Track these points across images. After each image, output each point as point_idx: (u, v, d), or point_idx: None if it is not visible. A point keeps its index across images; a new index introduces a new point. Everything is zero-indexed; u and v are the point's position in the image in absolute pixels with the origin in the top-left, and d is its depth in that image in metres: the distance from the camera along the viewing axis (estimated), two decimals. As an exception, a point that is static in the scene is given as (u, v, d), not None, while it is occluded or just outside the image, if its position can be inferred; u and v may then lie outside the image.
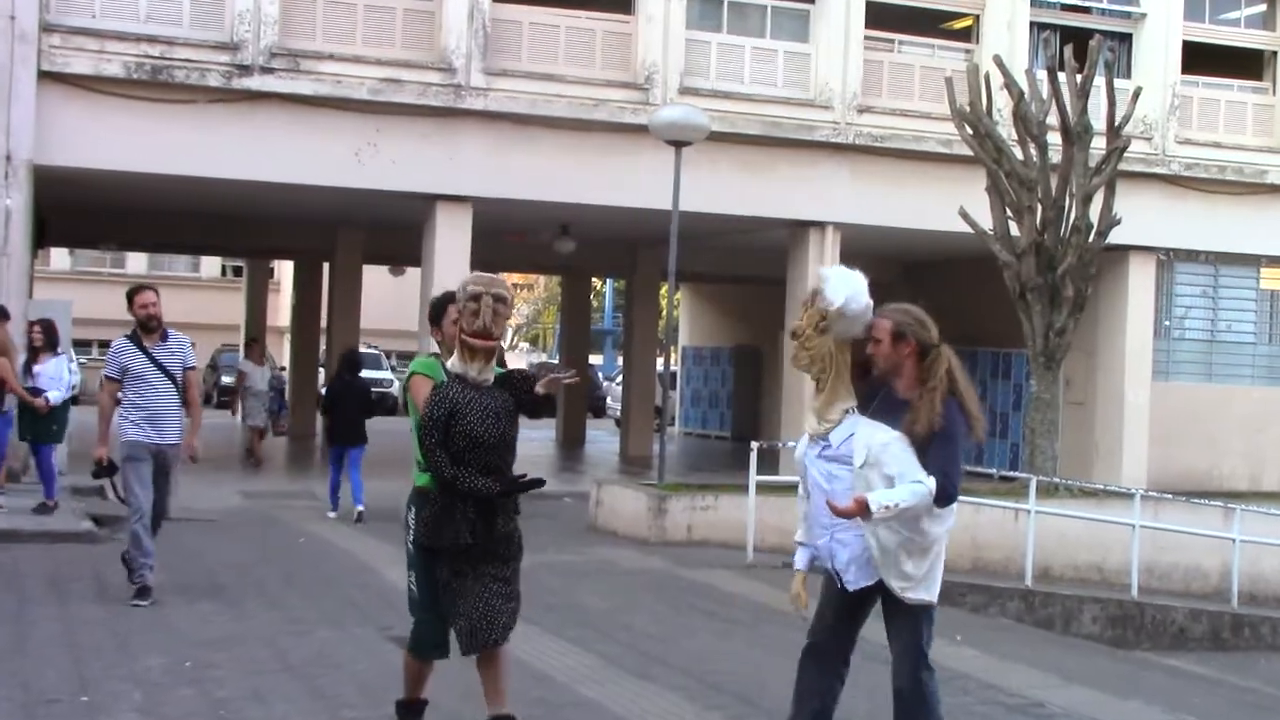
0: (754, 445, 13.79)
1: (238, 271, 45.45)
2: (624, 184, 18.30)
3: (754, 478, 13.43)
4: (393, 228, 22.21)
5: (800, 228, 19.61)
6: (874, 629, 6.10)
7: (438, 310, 6.22)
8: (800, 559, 5.92)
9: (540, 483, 5.80)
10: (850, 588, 5.72)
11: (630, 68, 18.78)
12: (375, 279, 33.02)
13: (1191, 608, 14.55)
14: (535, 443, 28.89)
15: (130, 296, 9.68)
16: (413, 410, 6.01)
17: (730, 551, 13.49)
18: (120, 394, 9.62)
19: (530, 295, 64.42)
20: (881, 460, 5.50)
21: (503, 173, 17.95)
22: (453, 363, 5.80)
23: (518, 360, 59.56)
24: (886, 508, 5.38)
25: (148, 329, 9.56)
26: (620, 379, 30.42)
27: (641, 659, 8.65)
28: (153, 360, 9.51)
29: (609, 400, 39.06)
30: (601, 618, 10.02)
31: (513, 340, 68.40)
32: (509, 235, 23.53)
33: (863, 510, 5.37)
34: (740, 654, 9.14)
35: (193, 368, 9.74)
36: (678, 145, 15.83)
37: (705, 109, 17.16)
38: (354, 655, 8.26)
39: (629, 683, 8.00)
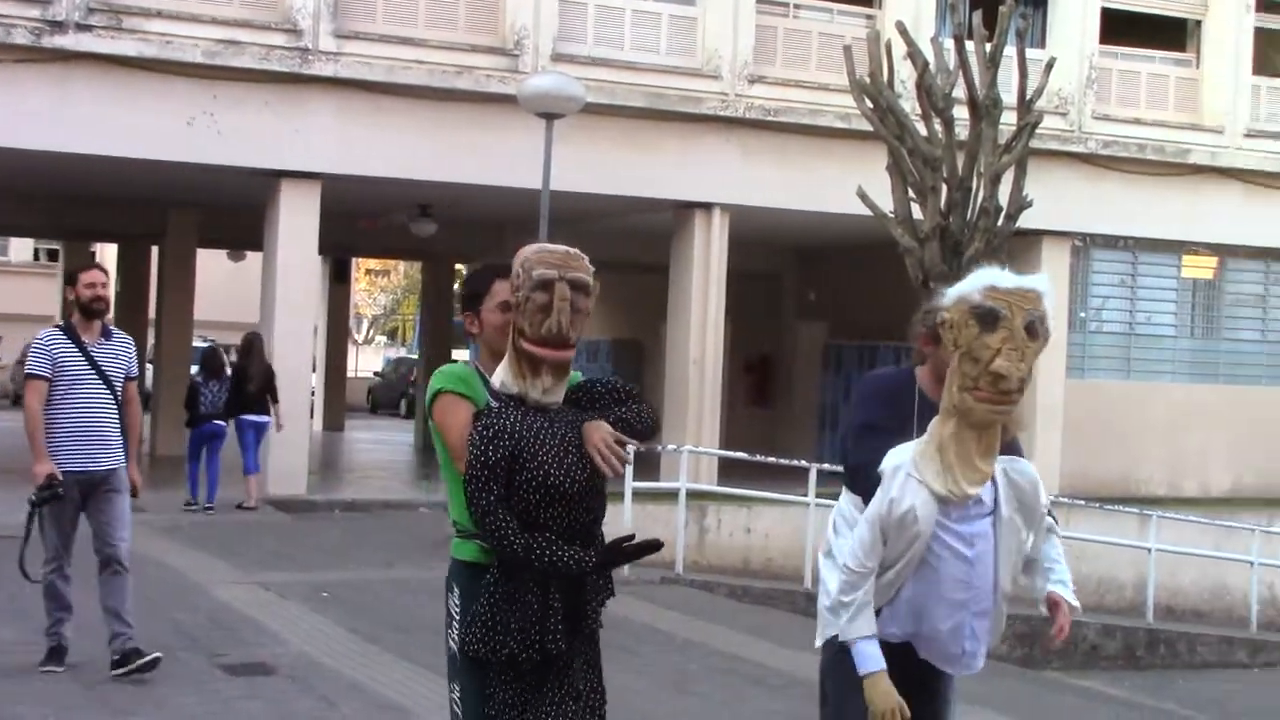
0: (630, 448, 13.87)
1: (52, 255, 44.63)
2: (490, 160, 18.31)
3: (630, 484, 13.55)
4: (231, 208, 22.01)
5: (685, 209, 19.78)
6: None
7: (478, 289, 4.74)
8: (874, 654, 4.67)
9: (657, 545, 4.43)
10: (975, 670, 4.94)
11: (498, 31, 18.80)
12: (211, 264, 32.64)
13: (1105, 623, 14.97)
14: (391, 447, 28.81)
15: (74, 274, 8.56)
16: (441, 449, 4.62)
17: (606, 566, 13.61)
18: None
19: (387, 283, 64.10)
20: (1033, 498, 4.77)
21: (355, 147, 17.88)
22: (502, 377, 4.42)
23: (374, 358, 59.23)
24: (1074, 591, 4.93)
25: (91, 314, 8.35)
26: (488, 376, 30.39)
27: (503, 685, 8.70)
28: (91, 362, 8.27)
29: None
30: (459, 640, 10.05)
31: (368, 333, 68.01)
32: (363, 217, 23.44)
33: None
34: (614, 678, 9.19)
35: (136, 378, 8.55)
36: (549, 118, 15.87)
37: (581, 78, 17.22)
38: (180, 688, 8.22)
39: (488, 711, 8.05)
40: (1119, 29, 22.36)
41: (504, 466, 4.28)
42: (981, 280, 4.52)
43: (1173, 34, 23.25)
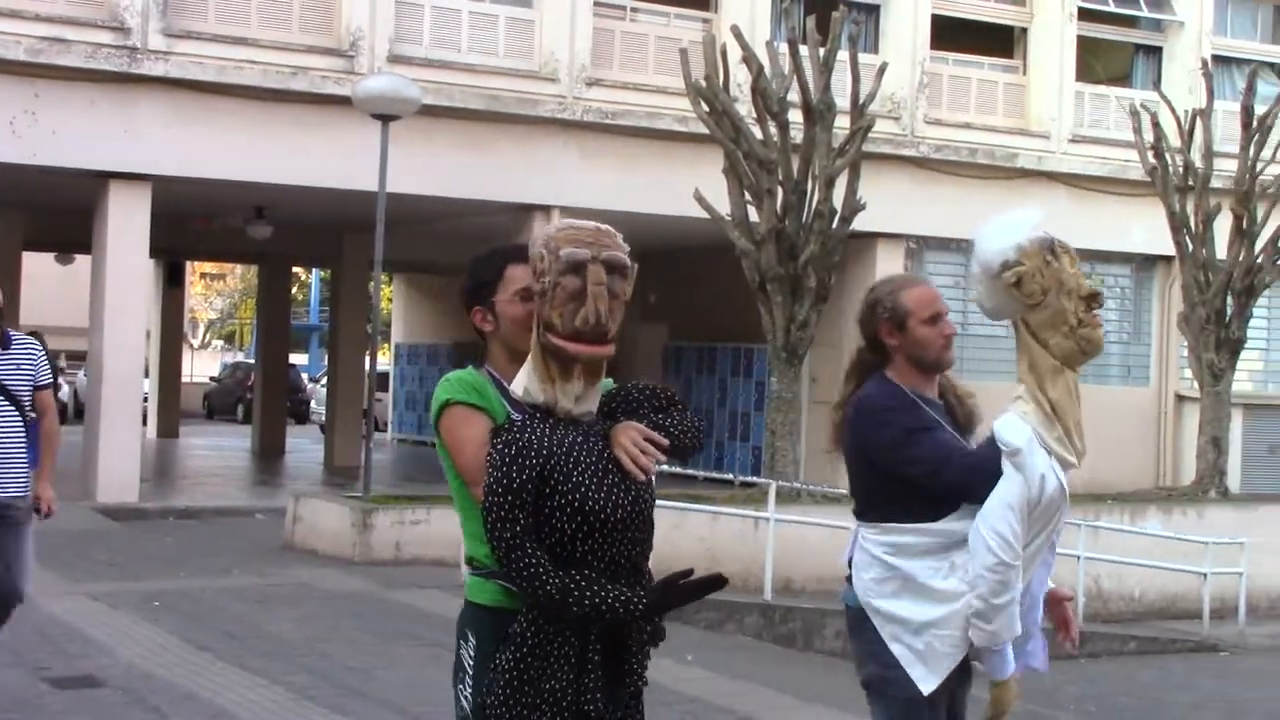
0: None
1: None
2: (327, 162, 18.13)
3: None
4: (59, 210, 21.49)
5: (524, 212, 19.73)
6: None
7: (487, 278, 3.92)
8: (1011, 659, 4.44)
9: (720, 581, 3.72)
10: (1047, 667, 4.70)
11: (333, 32, 18.63)
12: (39, 268, 31.85)
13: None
14: (227, 453, 28.38)
15: None
16: (451, 473, 3.86)
17: (444, 570, 13.53)
18: None
19: (223, 287, 63.14)
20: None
21: (187, 148, 17.57)
22: (525, 382, 3.72)
23: (211, 362, 58.28)
24: None
25: None
26: (325, 380, 30.11)
27: (338, 691, 8.64)
28: None
29: (313, 404, 38.64)
30: (294, 647, 9.96)
31: (204, 338, 66.90)
32: (196, 219, 23.06)
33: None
34: (448, 682, 9.19)
35: (46, 386, 7.47)
36: (385, 119, 15.78)
37: (418, 79, 17.14)
38: (3, 706, 8.02)
39: (321, 718, 7.99)
40: (949, 35, 22.82)
41: (532, 490, 3.59)
42: (1020, 223, 4.39)
43: (1001, 41, 23.80)
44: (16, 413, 7.25)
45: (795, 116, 17.31)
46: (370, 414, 17.05)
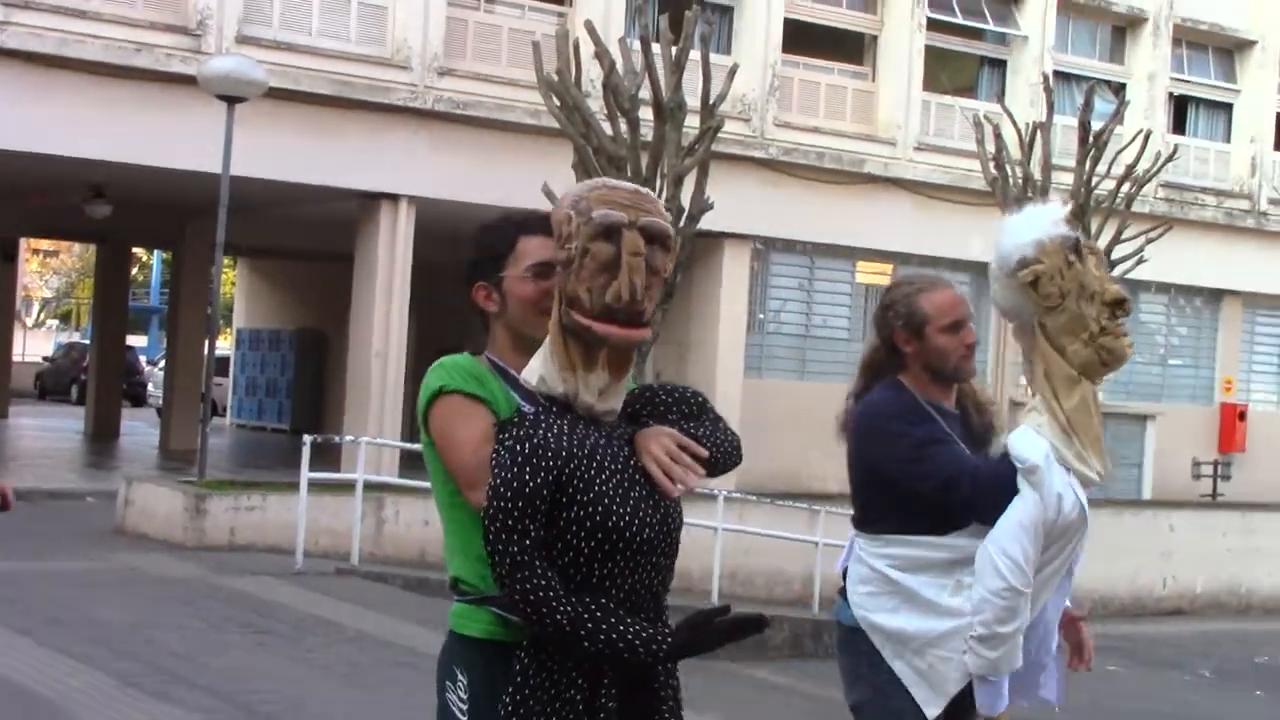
0: (307, 439, 13.78)
1: None
2: (169, 142, 17.82)
3: (306, 475, 13.42)
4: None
5: (371, 200, 19.62)
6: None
7: (497, 250, 3.37)
8: (1006, 694, 4.15)
9: (761, 623, 3.18)
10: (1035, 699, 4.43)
11: (181, 10, 18.32)
12: None
13: (774, 614, 15.45)
14: (58, 434, 27.78)
15: None
16: (439, 475, 3.30)
17: (277, 557, 13.45)
18: None
19: (60, 264, 61.76)
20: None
21: (22, 122, 17.15)
22: (540, 370, 3.18)
23: (45, 342, 56.90)
24: None
25: None
26: (164, 363, 29.63)
27: (163, 678, 8.55)
28: None
29: (150, 387, 37.99)
30: (120, 632, 9.82)
31: (39, 317, 65.32)
32: (32, 196, 22.54)
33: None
34: (277, 669, 9.16)
35: None
36: (231, 101, 15.59)
37: (267, 61, 16.96)
38: None
39: (145, 705, 7.90)
40: (801, 40, 23.10)
41: (546, 498, 3.05)
42: (1043, 217, 4.06)
43: (851, 48, 24.15)
44: None
45: (646, 114, 17.42)
46: (208, 398, 16.83)
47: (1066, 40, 25.71)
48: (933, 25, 24.05)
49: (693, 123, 17.64)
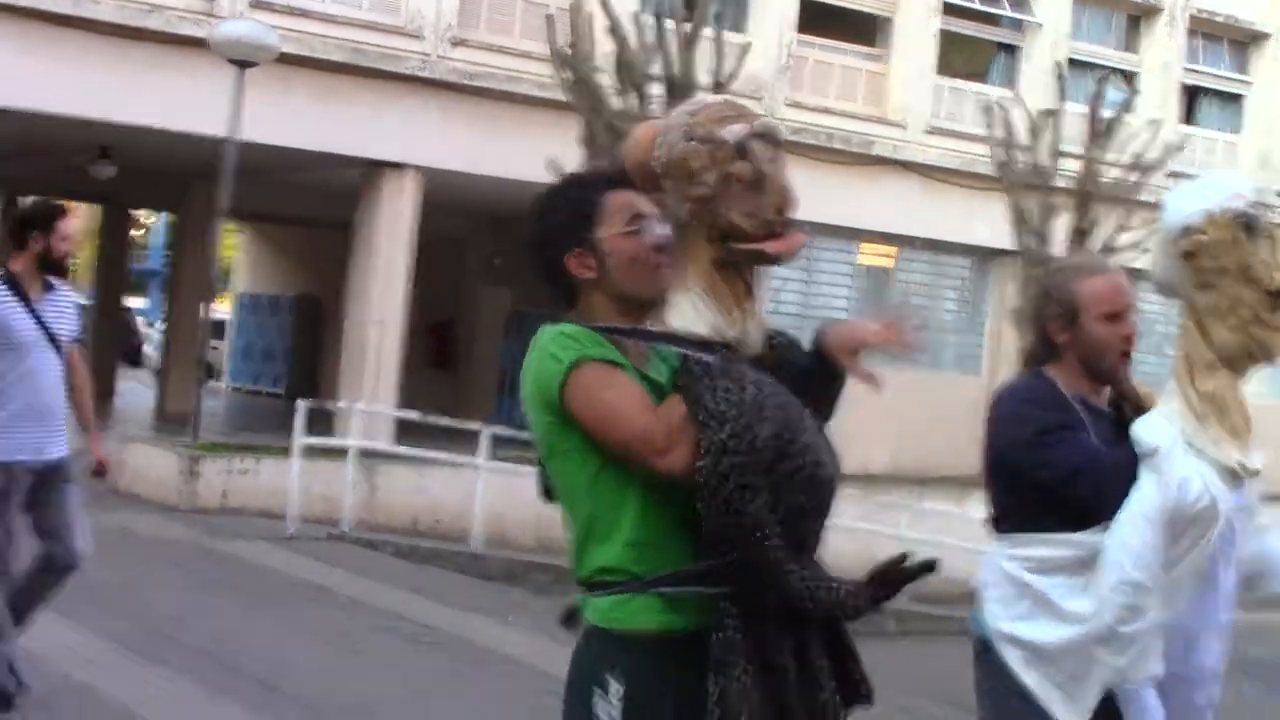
0: (300, 404, 13.85)
1: None
2: (178, 105, 17.79)
3: (300, 439, 13.49)
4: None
5: (376, 168, 19.63)
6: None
7: (583, 210, 3.08)
8: (1157, 706, 3.82)
9: (935, 566, 3.04)
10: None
11: (193, -30, 18.32)
12: None
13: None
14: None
15: (46, 217, 6.82)
16: (572, 457, 2.99)
17: (270, 521, 13.56)
18: None
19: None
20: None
21: (30, 80, 17.10)
22: (702, 318, 3.00)
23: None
24: None
25: (62, 271, 6.87)
26: (164, 325, 29.69)
27: (153, 639, 8.64)
28: (40, 322, 6.67)
29: (147, 349, 38.05)
30: (112, 593, 9.88)
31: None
32: (36, 154, 22.57)
33: None
34: (266, 633, 9.25)
35: (81, 339, 7.07)
36: (242, 66, 15.63)
37: (279, 26, 16.97)
38: None
39: (136, 666, 8.00)
40: (816, 20, 23.08)
41: (772, 450, 2.84)
42: (1220, 186, 3.71)
43: (866, 29, 24.13)
44: (60, 365, 6.74)
45: (657, 91, 17.42)
46: (203, 360, 16.89)
47: (1081, 28, 25.66)
48: (949, 9, 24.03)
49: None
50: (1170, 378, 3.73)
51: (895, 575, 2.96)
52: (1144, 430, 3.64)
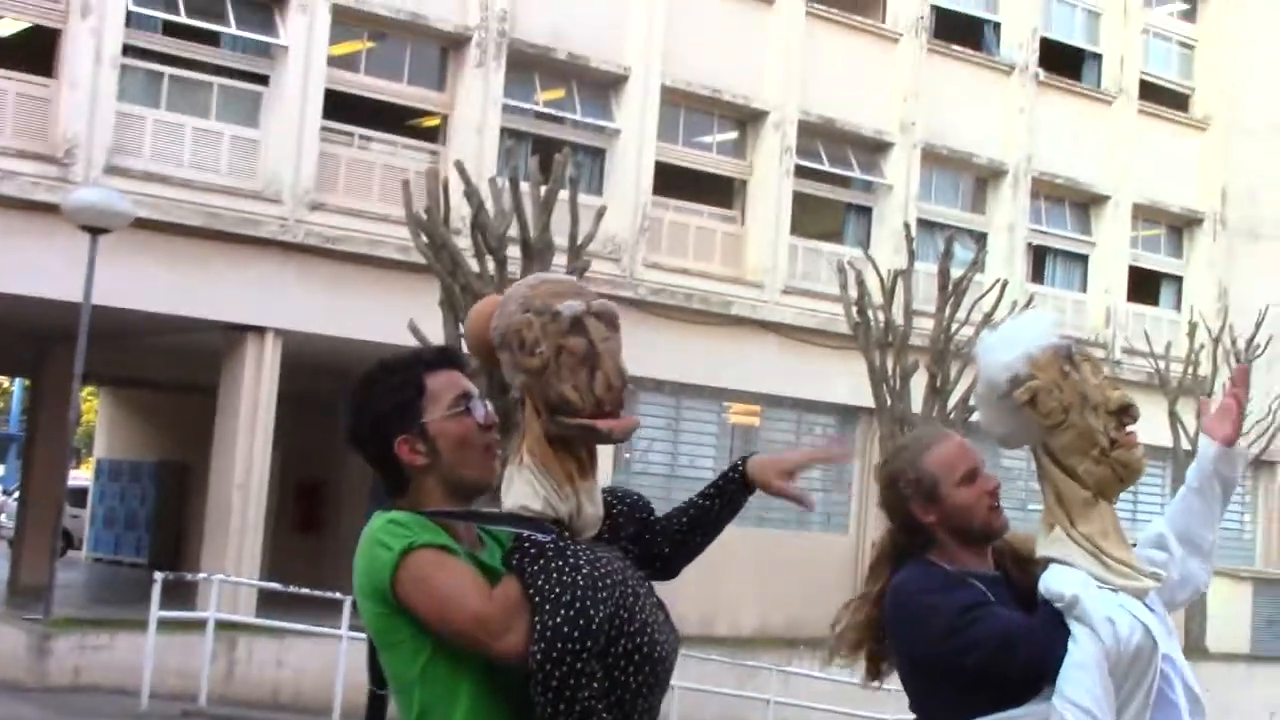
0: (158, 576, 13.56)
1: None
2: (32, 270, 17.60)
3: (155, 613, 13.19)
4: None
5: (236, 332, 19.50)
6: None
7: (406, 397, 3.01)
8: None
9: None
10: None
11: (49, 138, 18.24)
12: None
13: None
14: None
15: None
16: (402, 649, 2.91)
17: (124, 698, 13.17)
18: None
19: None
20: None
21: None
22: (535, 494, 2.96)
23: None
24: None
25: None
26: (19, 493, 28.97)
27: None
28: None
29: (3, 518, 37.08)
30: (-49, 778, 9.53)
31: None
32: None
33: None
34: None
35: None
36: (95, 232, 15.50)
37: (136, 192, 16.97)
38: None
39: None
40: (671, 183, 23.49)
41: (606, 634, 2.82)
42: (1028, 329, 3.68)
43: (721, 191, 24.60)
44: None
45: (515, 253, 17.54)
46: (58, 530, 16.50)
47: (930, 190, 26.39)
48: (801, 172, 24.58)
49: (561, 262, 17.81)
50: (1043, 525, 3.63)
51: None
52: (1053, 582, 3.50)
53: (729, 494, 3.28)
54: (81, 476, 33.36)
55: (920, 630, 3.57)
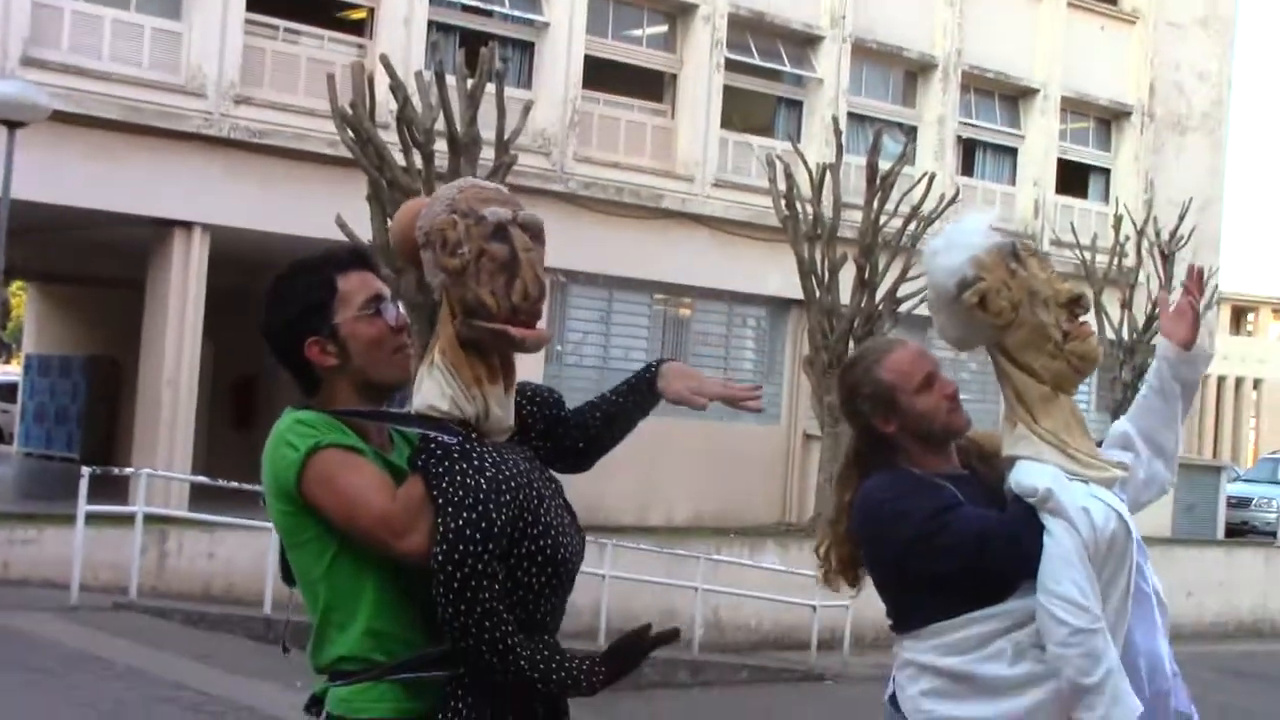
0: (85, 471, 13.53)
1: None
2: (-49, 164, 17.37)
3: (84, 507, 13.18)
4: None
5: (164, 227, 19.33)
6: None
7: (319, 298, 3.05)
8: None
9: (677, 635, 3.12)
10: None
11: (-36, 30, 17.90)
12: None
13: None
14: None
15: None
16: (309, 546, 2.96)
17: (53, 591, 13.18)
18: None
19: None
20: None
21: None
22: (442, 394, 2.96)
23: None
24: None
25: None
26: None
27: (-83, 719, 8.34)
28: None
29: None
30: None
31: None
32: None
33: None
34: (38, 707, 8.99)
35: None
36: (11, 125, 15.26)
37: (54, 85, 16.68)
38: None
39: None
40: (601, 77, 23.34)
41: (508, 536, 2.85)
42: (970, 230, 3.61)
43: (651, 85, 24.46)
44: None
45: (442, 148, 17.43)
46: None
47: (860, 83, 26.33)
48: (731, 65, 24.45)
49: (489, 157, 17.73)
50: (1006, 425, 3.62)
51: (635, 648, 2.94)
52: (1024, 477, 3.49)
53: (640, 392, 3.31)
54: (11, 372, 33.06)
55: (892, 537, 3.55)
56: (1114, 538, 3.42)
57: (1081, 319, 3.57)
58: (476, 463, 2.85)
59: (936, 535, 3.46)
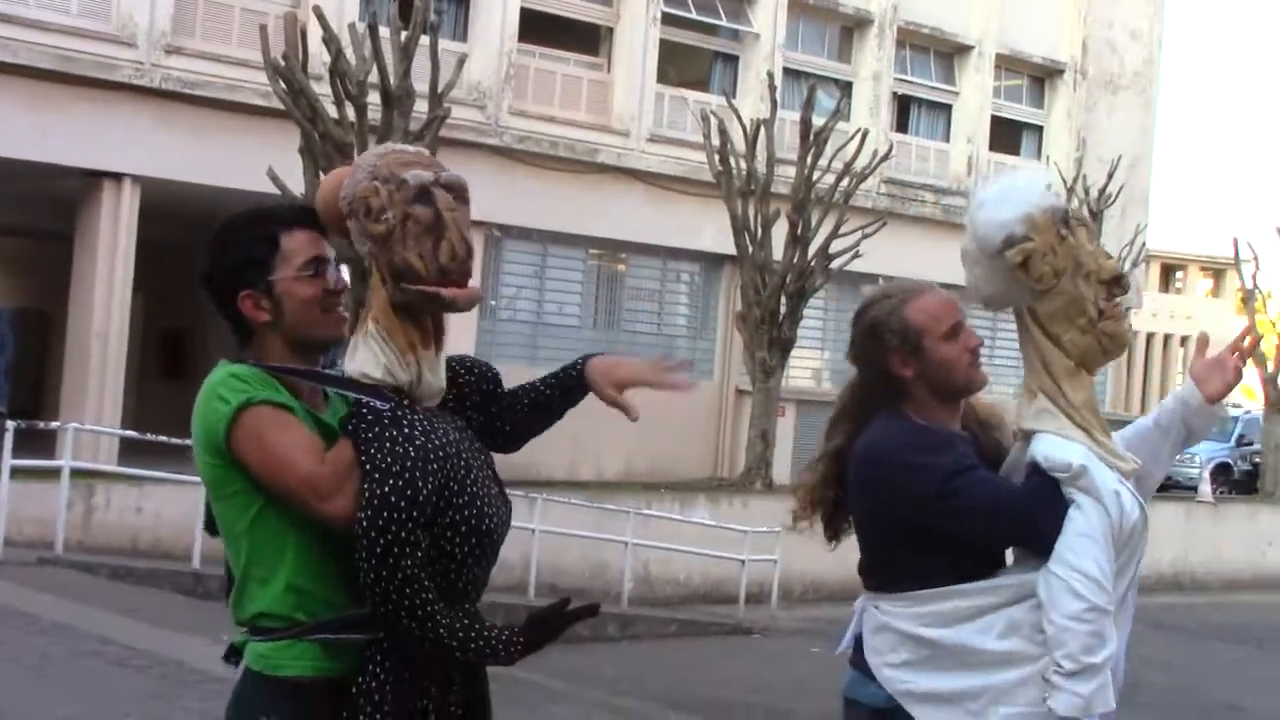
0: (10, 424, 13.42)
1: None
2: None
3: (8, 461, 13.07)
4: None
5: (94, 178, 19.11)
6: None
7: (257, 254, 3.03)
8: None
9: (596, 610, 3.13)
10: None
11: (-112, -25, 17.58)
12: None
13: (490, 602, 15.56)
14: None
15: None
16: (234, 500, 2.97)
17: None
18: None
19: None
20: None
21: None
22: (376, 360, 2.95)
23: None
24: None
25: None
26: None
27: None
28: None
29: None
30: None
31: None
32: None
33: None
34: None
35: None
36: (-62, 73, 15.05)
37: (-20, 33, 16.39)
38: None
39: None
40: (537, 29, 23.21)
41: (433, 505, 2.87)
42: (1028, 187, 3.45)
43: (587, 39, 24.35)
44: None
45: (375, 100, 17.31)
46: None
47: (797, 39, 26.33)
48: (667, 19, 24.40)
49: (422, 110, 17.63)
50: (1025, 391, 3.47)
51: (554, 620, 2.96)
52: (1055, 452, 3.32)
53: (567, 387, 3.34)
54: (-60, 324, 32.50)
55: (899, 490, 3.41)
56: (1135, 528, 3.35)
57: (1117, 299, 3.44)
58: (407, 430, 2.87)
59: (951, 497, 3.34)
